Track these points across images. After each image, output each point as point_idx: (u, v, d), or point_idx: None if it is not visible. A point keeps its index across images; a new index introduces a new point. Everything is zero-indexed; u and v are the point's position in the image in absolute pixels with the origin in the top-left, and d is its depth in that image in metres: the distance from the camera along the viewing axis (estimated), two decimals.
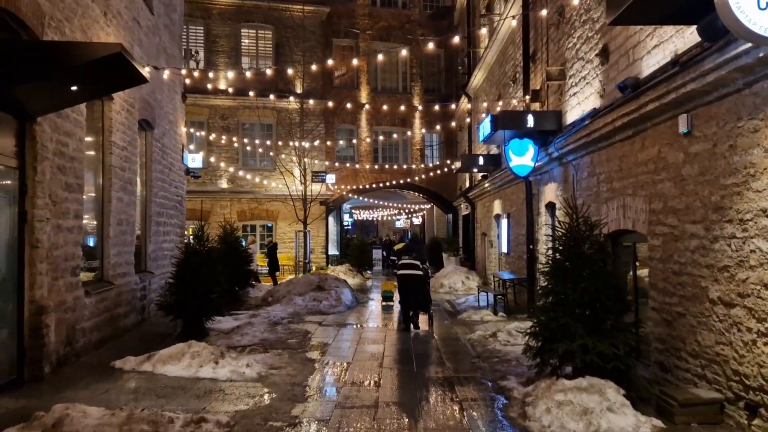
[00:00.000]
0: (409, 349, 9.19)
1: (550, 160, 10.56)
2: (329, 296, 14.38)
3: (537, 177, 12.07)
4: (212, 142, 23.95)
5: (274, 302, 14.47)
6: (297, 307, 13.52)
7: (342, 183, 25.93)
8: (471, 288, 18.12)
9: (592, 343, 5.86)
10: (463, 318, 12.31)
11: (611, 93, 7.99)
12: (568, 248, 6.50)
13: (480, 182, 19.14)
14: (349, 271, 23.08)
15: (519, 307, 13.14)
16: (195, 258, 10.19)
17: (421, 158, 27.26)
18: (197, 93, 23.57)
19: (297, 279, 15.42)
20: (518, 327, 9.68)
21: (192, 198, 23.53)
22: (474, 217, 21.62)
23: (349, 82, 27.13)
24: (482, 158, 16.60)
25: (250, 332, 10.21)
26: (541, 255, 11.73)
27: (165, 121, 13.72)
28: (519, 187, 14.00)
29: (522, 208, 13.56)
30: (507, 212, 15.42)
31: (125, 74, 6.76)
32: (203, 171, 23.76)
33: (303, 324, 11.57)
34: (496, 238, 17.77)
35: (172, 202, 14.50)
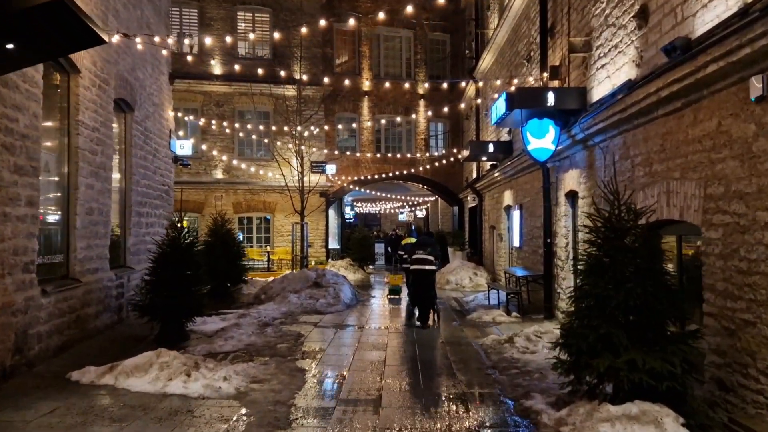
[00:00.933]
0: (414, 356, 8.08)
1: (572, 142, 9.41)
2: (327, 294, 13.29)
3: (555, 163, 10.93)
4: (206, 130, 22.81)
5: (267, 300, 13.39)
6: (291, 306, 12.43)
7: (343, 174, 24.79)
8: (479, 285, 17.00)
9: (642, 359, 4.74)
10: (473, 319, 11.20)
11: (651, 60, 6.84)
12: (608, 241, 5.36)
13: (489, 172, 17.99)
14: (350, 266, 22.02)
15: (534, 307, 12.02)
16: (173, 252, 9.09)
17: (425, 148, 26.10)
18: (190, 78, 22.51)
19: (292, 275, 14.34)
20: (537, 331, 8.56)
21: (185, 189, 22.46)
22: (482, 210, 20.48)
23: (351, 69, 25.94)
24: (492, 145, 15.45)
25: (236, 335, 9.11)
26: (560, 249, 10.60)
27: (148, 103, 12.60)
28: (534, 176, 12.86)
29: (537, 199, 12.43)
30: (519, 203, 14.27)
31: (78, 33, 5.63)
32: (197, 160, 22.66)
33: (296, 325, 10.47)
34: (507, 232, 16.63)
35: (158, 192, 13.40)
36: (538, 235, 12.47)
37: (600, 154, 8.64)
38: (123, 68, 10.72)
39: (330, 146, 24.47)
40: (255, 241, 23.30)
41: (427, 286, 10.81)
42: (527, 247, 13.58)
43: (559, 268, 10.84)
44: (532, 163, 12.14)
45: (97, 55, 9.33)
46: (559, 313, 10.75)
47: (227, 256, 14.60)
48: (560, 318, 10.44)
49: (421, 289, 10.79)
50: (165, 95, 14.19)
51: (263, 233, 23.42)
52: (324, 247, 23.76)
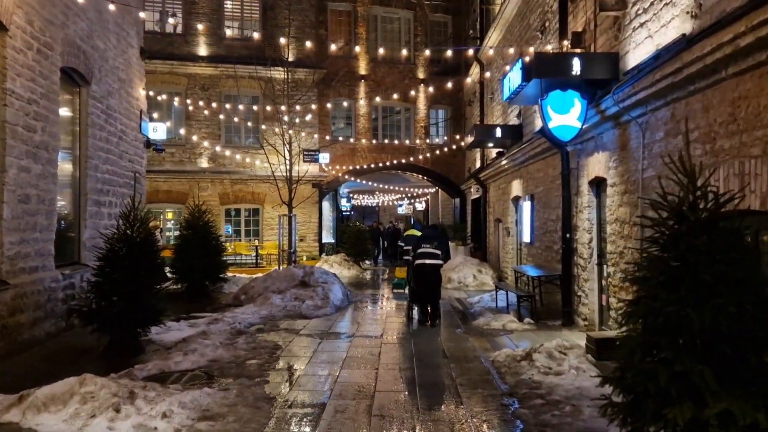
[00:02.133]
0: (412, 378, 6.60)
1: (601, 119, 7.91)
2: (314, 294, 11.81)
3: (577, 146, 9.43)
4: (191, 116, 21.28)
5: (247, 301, 11.92)
6: (273, 309, 10.95)
7: (337, 163, 23.27)
8: (484, 283, 15.52)
9: (741, 410, 3.27)
10: (480, 325, 9.72)
11: (717, 5, 5.33)
12: (680, 239, 3.86)
13: (494, 160, 16.49)
14: (344, 262, 20.55)
15: (549, 311, 10.55)
16: (126, 248, 7.60)
17: (425, 136, 24.58)
18: (174, 59, 20.99)
19: (277, 273, 12.85)
20: (561, 346, 7.08)
21: (168, 178, 20.99)
22: (486, 201, 18.99)
23: (346, 51, 24.38)
24: (500, 129, 13.94)
25: (200, 347, 7.63)
26: (582, 246, 9.12)
27: (112, 78, 11.08)
28: (548, 162, 11.37)
29: (552, 188, 10.95)
30: (530, 193, 12.78)
31: None
32: (180, 148, 21.18)
33: (275, 333, 9.00)
34: (515, 225, 15.15)
35: (124, 179, 11.91)
36: (553, 229, 10.99)
37: (637, 132, 7.15)
38: (74, 34, 9.19)
39: (323, 133, 22.95)
40: (243, 234, 21.81)
41: (433, 283, 10.03)
42: (539, 242, 12.10)
43: (580, 268, 9.37)
44: (546, 147, 10.67)
45: (35, 13, 7.82)
46: (579, 320, 9.29)
47: (205, 251, 13.12)
48: (581, 325, 8.99)
49: (425, 286, 9.99)
50: (135, 71, 12.66)
51: (252, 226, 21.93)
52: (317, 241, 22.28)
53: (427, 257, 10.03)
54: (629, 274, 4.45)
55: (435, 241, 10.27)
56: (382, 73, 24.07)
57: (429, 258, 10.02)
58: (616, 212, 7.80)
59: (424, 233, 11.24)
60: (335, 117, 24.14)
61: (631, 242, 7.33)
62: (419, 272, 10.05)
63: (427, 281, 10.00)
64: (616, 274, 7.82)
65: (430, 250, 10.06)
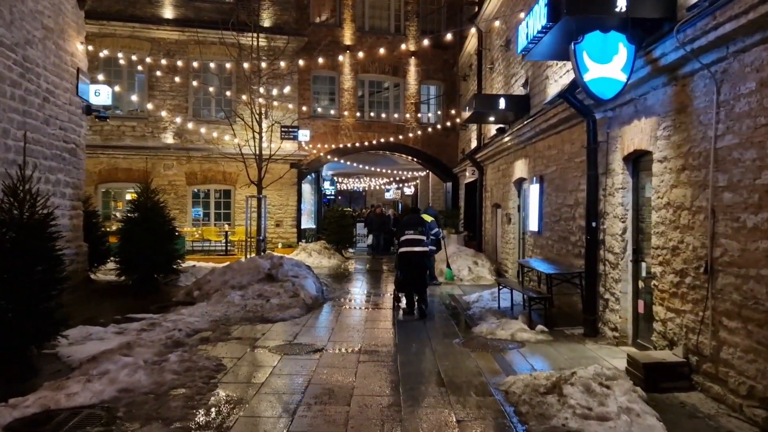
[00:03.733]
0: (397, 418, 4.71)
1: (651, 71, 5.99)
2: (282, 291, 9.89)
3: (608, 113, 7.52)
4: (154, 85, 19.11)
5: (201, 298, 9.98)
6: (230, 309, 9.02)
7: (319, 141, 21.24)
8: (481, 277, 13.67)
9: None
10: (483, 334, 7.85)
11: None
12: None
13: (493, 138, 14.58)
14: (324, 250, 18.63)
15: (564, 315, 8.70)
16: (9, 235, 5.61)
17: (416, 114, 22.58)
18: (135, 21, 18.80)
19: (239, 264, 10.87)
20: (602, 374, 5.21)
21: (128, 155, 18.84)
22: (483, 185, 17.08)
23: (330, 19, 22.27)
24: (503, 100, 11.99)
25: (114, 369, 5.68)
26: (612, 238, 7.27)
27: (32, 23, 8.99)
28: (563, 137, 9.48)
29: (569, 167, 9.08)
30: (539, 175, 10.90)
31: None
32: (142, 121, 19.05)
33: (223, 345, 7.07)
34: (516, 212, 13.28)
35: (53, 150, 9.85)
36: (569, 216, 9.12)
37: (706, 86, 5.24)
38: None
39: (304, 109, 20.88)
40: (213, 218, 19.75)
41: (417, 271, 9.40)
42: (550, 232, 10.23)
43: (608, 265, 7.50)
44: (564, 118, 8.81)
45: None
46: (606, 330, 7.45)
47: (154, 237, 11.11)
48: (609, 336, 7.16)
49: (410, 275, 9.41)
50: (68, 20, 10.54)
51: (222, 209, 19.86)
52: (295, 226, 20.28)
53: (411, 244, 9.45)
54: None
55: (419, 226, 9.70)
56: (370, 43, 21.96)
57: (412, 245, 9.44)
58: (668, 195, 5.92)
59: (405, 219, 10.53)
60: (317, 91, 22.06)
61: (693, 235, 5.46)
62: (404, 260, 9.50)
63: (412, 270, 9.38)
64: (665, 276, 5.96)
65: (414, 236, 9.49)
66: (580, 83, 5.95)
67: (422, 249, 9.51)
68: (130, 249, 11.08)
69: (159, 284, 11.54)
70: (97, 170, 18.58)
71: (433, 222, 13.11)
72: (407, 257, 9.45)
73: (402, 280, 9.56)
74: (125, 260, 11.20)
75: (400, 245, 9.67)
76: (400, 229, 10.02)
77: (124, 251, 11.24)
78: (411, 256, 9.43)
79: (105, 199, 19.38)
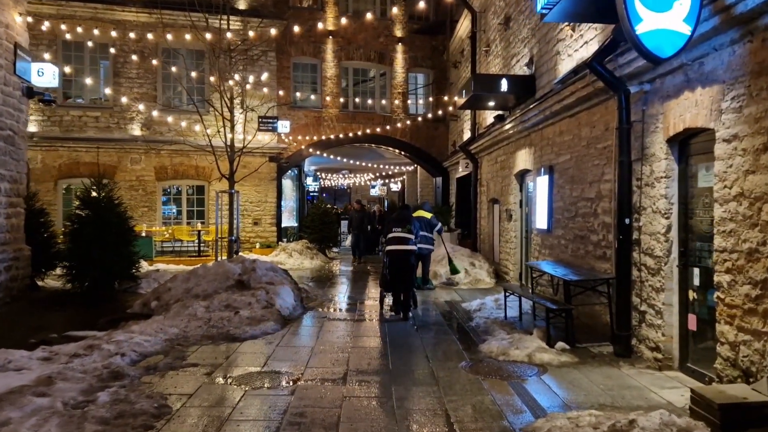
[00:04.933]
0: None
1: (720, 24, 4.66)
2: (254, 300, 8.48)
3: (644, 86, 6.21)
4: (120, 72, 17.53)
5: (160, 310, 8.54)
6: (190, 324, 7.59)
7: (300, 133, 19.79)
8: (480, 280, 12.37)
9: None
10: (493, 354, 6.51)
11: None
12: None
13: (490, 128, 13.26)
14: (306, 250, 17.23)
15: (586, 328, 7.39)
16: None
17: (403, 104, 21.20)
18: (98, 2, 17.15)
19: (205, 269, 9.41)
20: (671, 423, 3.89)
21: (90, 148, 17.25)
22: (477, 179, 15.77)
23: (311, 2, 20.81)
24: (505, 81, 10.64)
25: (17, 417, 4.31)
26: (651, 237, 6.00)
27: None
28: (580, 120, 8.18)
29: (587, 155, 7.80)
30: (548, 165, 9.59)
31: None
32: (107, 111, 17.48)
33: (174, 374, 5.66)
34: (519, 207, 11.98)
35: None
36: (588, 211, 7.83)
37: None
38: None
39: (284, 98, 19.40)
40: (185, 216, 18.22)
41: (403, 271, 8.91)
42: (562, 230, 8.93)
43: (646, 270, 6.19)
44: (583, 97, 7.57)
45: None
46: (644, 349, 6.15)
47: (108, 238, 9.62)
48: (648, 357, 5.89)
49: (398, 274, 8.90)
50: None
51: (196, 207, 18.36)
52: (275, 224, 18.81)
53: (398, 242, 9.05)
54: None
55: (407, 224, 9.26)
56: (354, 28, 20.53)
57: (400, 243, 9.04)
58: (741, 183, 4.62)
59: (393, 216, 10.16)
60: (298, 80, 20.56)
61: None
62: (391, 259, 9.05)
63: (399, 269, 8.91)
64: (737, 287, 4.66)
65: (401, 234, 9.11)
66: (631, 38, 4.59)
67: (410, 248, 9.08)
68: (79, 252, 9.59)
69: (115, 292, 10.07)
70: (56, 164, 16.97)
71: (434, 218, 11.90)
72: (395, 255, 9.00)
73: (389, 279, 9.05)
74: (74, 265, 9.71)
75: (387, 243, 9.24)
76: (387, 226, 9.59)
77: (73, 255, 9.75)
78: (399, 254, 8.97)
79: (67, 197, 17.75)
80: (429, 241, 11.62)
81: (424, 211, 11.93)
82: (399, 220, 9.38)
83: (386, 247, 9.27)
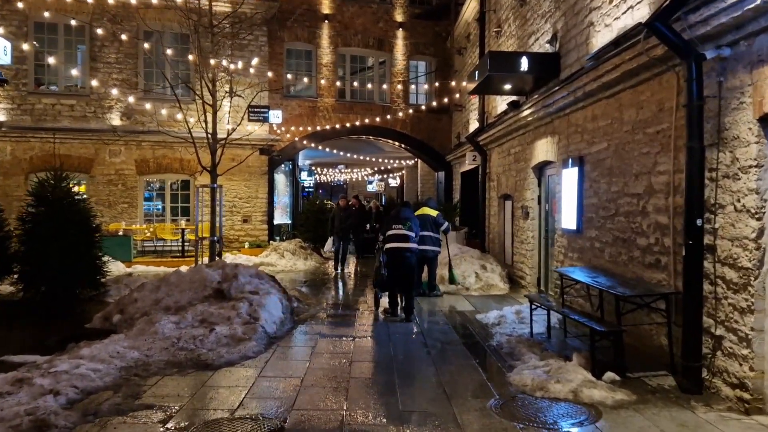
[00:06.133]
0: None
1: None
2: (234, 314, 7.16)
3: (723, 50, 4.89)
4: (97, 56, 16.16)
5: (123, 326, 7.23)
6: (155, 345, 6.28)
7: (294, 124, 18.44)
8: (492, 285, 11.06)
9: None
10: (527, 388, 5.20)
11: None
12: None
13: (503, 115, 11.96)
14: (299, 250, 15.92)
15: (634, 351, 6.07)
16: None
17: (404, 93, 19.87)
18: None
19: (179, 276, 8.07)
20: None
21: (65, 139, 15.86)
22: (487, 173, 14.46)
23: None
24: (525, 60, 9.31)
25: None
26: (732, 243, 4.67)
27: None
28: (621, 100, 6.87)
29: (632, 141, 6.54)
30: (576, 155, 8.29)
31: None
32: (83, 99, 16.09)
33: (117, 426, 4.33)
34: (537, 204, 10.68)
35: None
36: (633, 209, 6.55)
37: None
38: None
39: (276, 86, 18.05)
40: (169, 213, 16.88)
41: (409, 270, 8.57)
42: (597, 231, 7.63)
43: (725, 285, 4.89)
44: (629, 71, 6.29)
45: None
46: (722, 385, 4.85)
47: (67, 239, 8.29)
48: (729, 397, 4.60)
49: (400, 274, 8.54)
50: None
51: (180, 203, 17.00)
52: (266, 222, 17.48)
53: (398, 240, 8.57)
54: None
55: (408, 221, 8.77)
56: (351, 13, 19.22)
57: (400, 240, 8.57)
58: None
59: (393, 212, 9.50)
60: (292, 68, 19.18)
61: None
62: (391, 257, 8.60)
63: (399, 268, 8.52)
64: None
65: (402, 231, 8.63)
66: None
67: (411, 245, 8.62)
68: (33, 255, 8.26)
69: (77, 302, 8.74)
70: (27, 157, 15.59)
71: (440, 215, 10.58)
72: (395, 254, 8.54)
73: (387, 278, 8.65)
74: (27, 270, 8.38)
75: (385, 240, 8.73)
76: (386, 223, 9.02)
77: (26, 258, 8.42)
78: (399, 252, 8.52)
79: None
80: (435, 242, 10.32)
81: (428, 208, 10.62)
82: (400, 218, 8.79)
83: (385, 245, 8.72)
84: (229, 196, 16.97)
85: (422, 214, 10.22)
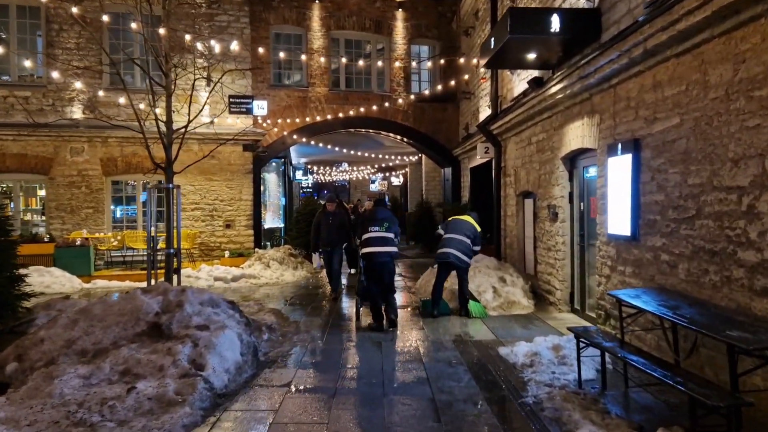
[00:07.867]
0: None
1: None
2: (170, 360, 5.20)
3: None
4: (56, 42, 14.25)
5: (17, 379, 5.28)
6: (42, 416, 4.38)
7: (282, 116, 16.49)
8: (514, 302, 9.05)
9: None
10: None
11: None
12: None
13: (522, 97, 9.98)
14: (289, 258, 14.01)
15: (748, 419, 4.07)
16: None
17: (405, 81, 17.87)
18: None
19: (105, 306, 6.06)
20: None
21: (20, 136, 13.94)
22: (502, 167, 12.44)
23: None
24: (557, 18, 7.27)
25: None
26: None
27: None
28: (709, 55, 4.87)
29: (725, 111, 4.56)
30: (629, 138, 6.28)
31: None
32: (39, 90, 14.19)
33: None
34: (568, 203, 8.68)
35: None
36: (728, 208, 4.56)
37: None
38: None
39: (261, 74, 16.12)
40: (141, 219, 14.95)
41: (383, 275, 7.91)
42: (665, 238, 5.62)
43: None
44: (726, 6, 4.18)
45: None
46: None
47: None
48: None
49: (376, 280, 7.95)
50: None
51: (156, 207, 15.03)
52: (251, 227, 15.50)
53: (376, 243, 7.94)
54: None
55: (386, 221, 8.09)
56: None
57: (377, 244, 7.93)
58: None
59: (370, 213, 8.78)
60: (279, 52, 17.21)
61: None
62: (370, 264, 8.04)
63: (379, 274, 7.96)
64: None
65: (380, 234, 7.99)
66: None
67: (391, 249, 8.00)
68: None
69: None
70: None
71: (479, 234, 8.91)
72: (373, 258, 7.95)
73: (366, 287, 8.15)
74: None
75: (362, 245, 8.14)
76: (362, 225, 8.30)
77: None
78: (377, 257, 7.93)
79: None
80: (467, 251, 8.56)
81: (472, 219, 8.83)
82: (377, 219, 8.08)
83: (362, 250, 8.11)
84: (209, 198, 15.05)
85: (463, 221, 8.91)
